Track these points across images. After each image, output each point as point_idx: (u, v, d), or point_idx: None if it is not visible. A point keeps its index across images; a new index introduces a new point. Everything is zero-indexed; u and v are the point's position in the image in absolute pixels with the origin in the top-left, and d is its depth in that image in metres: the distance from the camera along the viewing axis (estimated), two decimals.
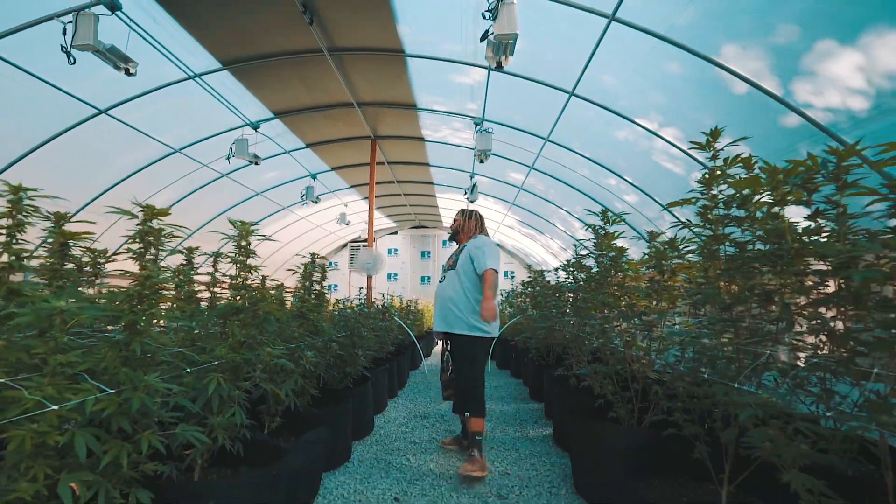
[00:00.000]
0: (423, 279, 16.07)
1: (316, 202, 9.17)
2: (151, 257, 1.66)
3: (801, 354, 1.52)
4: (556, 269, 4.87)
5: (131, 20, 3.94)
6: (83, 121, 4.97)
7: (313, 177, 8.91)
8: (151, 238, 1.29)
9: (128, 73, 3.95)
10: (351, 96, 5.97)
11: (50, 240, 1.25)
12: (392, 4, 4.13)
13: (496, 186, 9.28)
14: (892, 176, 1.96)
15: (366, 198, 11.09)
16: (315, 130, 7.19)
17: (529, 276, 6.28)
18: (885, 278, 0.97)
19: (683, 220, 1.81)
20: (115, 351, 1.20)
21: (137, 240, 1.29)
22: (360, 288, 6.32)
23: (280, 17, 4.36)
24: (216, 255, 2.71)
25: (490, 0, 3.29)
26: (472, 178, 8.59)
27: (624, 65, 4.10)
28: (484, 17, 3.31)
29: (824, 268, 1.13)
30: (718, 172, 1.71)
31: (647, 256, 2.38)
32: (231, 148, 6.13)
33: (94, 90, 4.68)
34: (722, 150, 1.76)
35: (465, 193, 8.79)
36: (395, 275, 15.86)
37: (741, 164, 1.78)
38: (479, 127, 6.02)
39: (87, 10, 3.57)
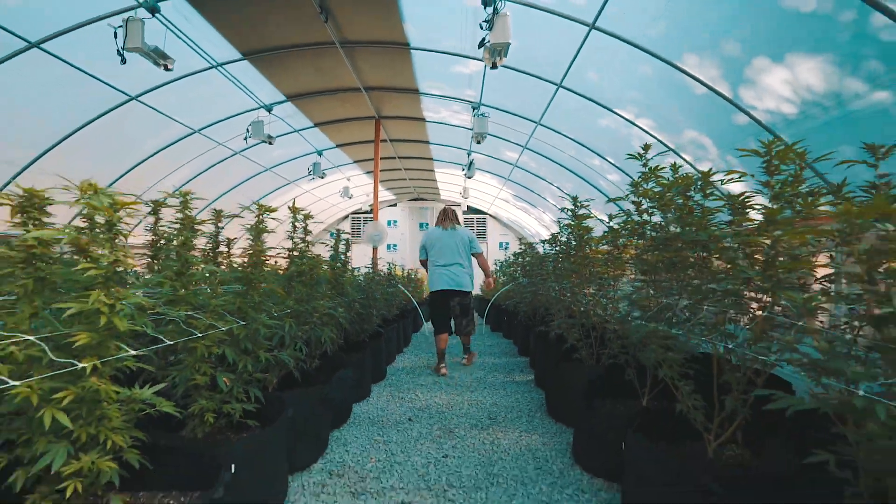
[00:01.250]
0: None
1: (322, 177, 9.71)
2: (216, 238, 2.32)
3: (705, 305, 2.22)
4: (543, 242, 5.54)
5: (167, 20, 4.42)
6: (117, 106, 5.49)
7: (319, 153, 9.42)
8: (262, 227, 1.95)
9: (166, 68, 4.46)
10: (358, 82, 6.47)
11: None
12: (400, 7, 4.62)
13: (492, 163, 9.84)
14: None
15: (368, 172, 11.62)
16: (323, 111, 7.69)
17: (521, 248, 6.99)
18: (730, 257, 1.63)
19: (624, 209, 2.47)
20: (242, 298, 1.88)
21: (253, 230, 1.94)
22: (371, 258, 6.98)
23: (297, 14, 4.84)
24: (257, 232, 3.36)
25: (487, 11, 3.81)
26: (469, 155, 9.14)
27: (603, 64, 4.66)
28: (481, 28, 3.84)
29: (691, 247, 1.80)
30: (649, 176, 2.36)
31: (605, 233, 3.04)
32: (248, 129, 6.66)
33: (128, 80, 5.18)
34: (653, 158, 2.39)
35: (463, 169, 9.37)
36: (395, 245, 16.51)
37: (671, 168, 2.43)
38: (476, 111, 6.55)
39: (132, 13, 4.06)
